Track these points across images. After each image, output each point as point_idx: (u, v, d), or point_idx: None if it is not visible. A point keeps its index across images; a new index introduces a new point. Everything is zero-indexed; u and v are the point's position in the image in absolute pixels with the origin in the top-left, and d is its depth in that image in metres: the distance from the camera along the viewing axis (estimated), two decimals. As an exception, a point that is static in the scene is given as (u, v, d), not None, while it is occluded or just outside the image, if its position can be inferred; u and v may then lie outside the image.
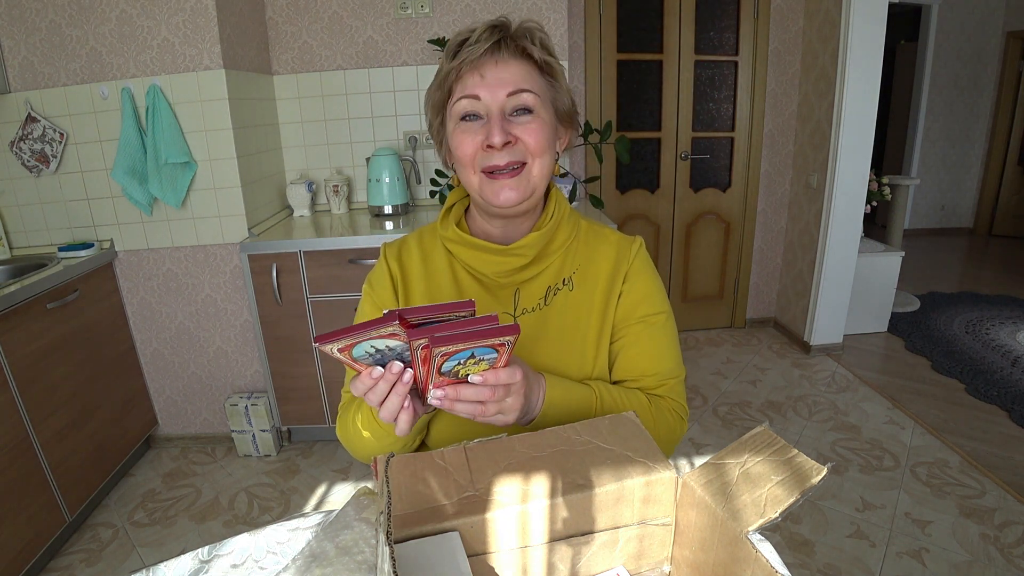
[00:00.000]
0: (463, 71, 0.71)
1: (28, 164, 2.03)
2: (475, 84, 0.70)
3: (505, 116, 0.71)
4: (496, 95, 0.70)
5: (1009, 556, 1.63)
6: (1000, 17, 4.86)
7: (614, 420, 0.62)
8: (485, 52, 0.69)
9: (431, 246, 0.84)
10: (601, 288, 0.81)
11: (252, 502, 2.03)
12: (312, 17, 2.39)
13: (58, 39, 1.93)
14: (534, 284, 0.80)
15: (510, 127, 0.71)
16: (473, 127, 0.72)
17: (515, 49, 0.70)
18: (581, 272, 0.81)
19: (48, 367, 1.76)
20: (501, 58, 0.70)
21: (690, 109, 2.99)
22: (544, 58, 0.73)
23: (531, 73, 0.72)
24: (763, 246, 3.23)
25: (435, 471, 0.55)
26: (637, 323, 0.80)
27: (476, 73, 0.70)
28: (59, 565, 1.75)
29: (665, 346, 0.81)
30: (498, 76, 0.70)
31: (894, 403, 2.48)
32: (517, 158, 0.72)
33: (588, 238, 0.84)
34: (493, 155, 0.71)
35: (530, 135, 0.71)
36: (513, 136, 0.71)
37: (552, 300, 0.80)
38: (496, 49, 0.70)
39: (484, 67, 0.70)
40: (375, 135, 2.55)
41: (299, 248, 2.02)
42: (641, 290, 0.81)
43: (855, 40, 2.50)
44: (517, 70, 0.71)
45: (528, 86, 0.71)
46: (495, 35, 0.70)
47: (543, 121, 0.72)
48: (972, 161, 5.26)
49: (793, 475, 0.49)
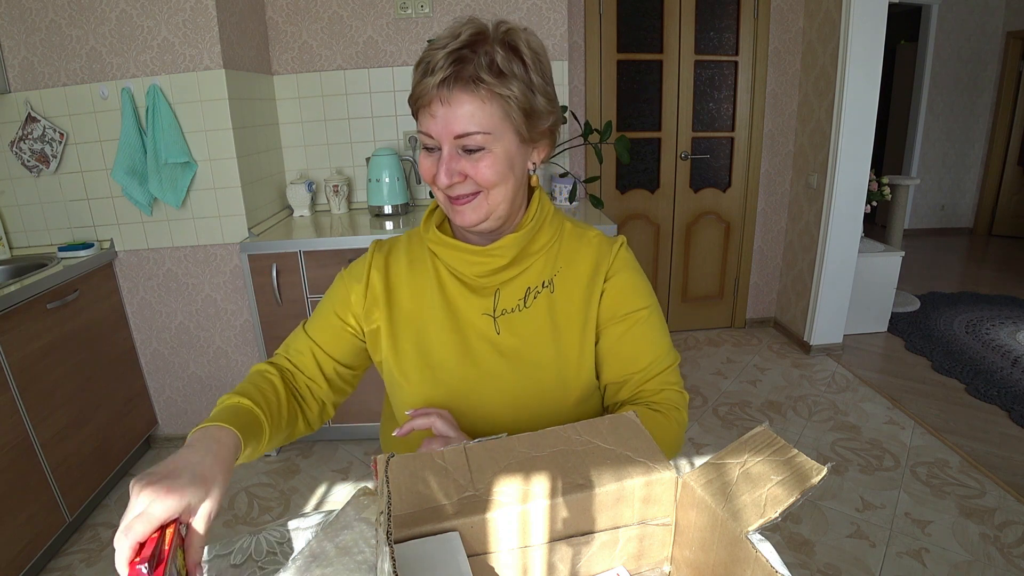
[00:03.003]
0: (420, 103, 0.71)
1: (28, 164, 2.03)
2: (428, 121, 0.71)
3: (455, 154, 0.71)
4: (445, 135, 0.70)
5: (1009, 556, 1.63)
6: (1000, 17, 4.86)
7: (614, 420, 0.62)
8: (436, 87, 0.68)
9: (418, 249, 0.86)
10: (582, 290, 0.81)
11: (252, 502, 2.03)
12: (312, 17, 2.39)
13: (58, 39, 1.93)
14: (514, 284, 0.81)
15: (459, 165, 0.71)
16: (431, 157, 0.73)
17: (467, 82, 0.68)
18: (562, 274, 0.82)
19: (48, 367, 1.76)
20: (452, 96, 0.68)
21: (690, 109, 2.99)
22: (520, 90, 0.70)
23: (483, 107, 0.69)
24: (763, 246, 3.23)
25: (435, 471, 0.55)
26: (620, 322, 0.81)
27: (428, 111, 0.70)
28: (59, 565, 1.75)
29: (650, 340, 0.82)
30: (447, 117, 0.69)
31: (894, 403, 2.48)
32: (470, 190, 0.73)
33: (570, 240, 0.84)
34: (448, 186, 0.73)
35: (480, 172, 0.71)
36: (461, 174, 0.72)
37: (533, 303, 0.81)
38: (447, 85, 0.68)
39: (434, 106, 0.69)
40: (375, 135, 2.55)
41: (299, 248, 2.02)
42: (622, 288, 0.82)
43: (855, 40, 2.50)
44: (468, 108, 0.69)
45: (476, 127, 0.69)
46: (448, 68, 0.67)
47: (495, 156, 0.71)
48: (972, 161, 5.25)
49: (793, 475, 0.49)
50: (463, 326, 0.81)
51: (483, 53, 0.69)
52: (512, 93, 0.70)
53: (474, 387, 0.80)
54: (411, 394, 0.81)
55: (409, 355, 0.81)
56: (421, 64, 0.71)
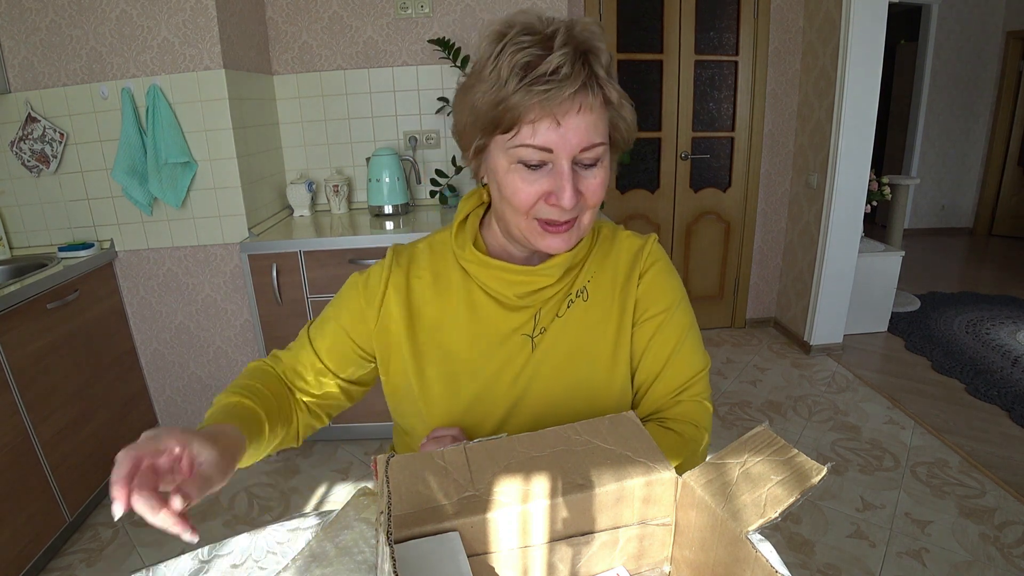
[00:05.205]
0: (533, 108, 0.60)
1: (28, 164, 2.03)
2: (548, 132, 0.60)
3: (575, 170, 0.63)
4: (570, 147, 0.61)
5: (1009, 556, 1.63)
6: (1000, 17, 4.86)
7: (614, 420, 0.62)
8: (572, 96, 0.59)
9: (443, 263, 0.77)
10: (617, 295, 0.76)
11: (252, 502, 2.03)
12: (312, 17, 2.39)
13: (58, 39, 1.93)
14: (553, 301, 0.75)
15: (577, 182, 0.63)
16: (535, 176, 0.63)
17: (590, 89, 0.61)
18: (595, 281, 0.77)
19: (48, 367, 1.75)
20: (586, 103, 0.60)
21: (690, 109, 2.99)
22: (620, 98, 0.64)
23: (602, 115, 0.63)
24: (763, 246, 3.23)
25: (435, 471, 0.55)
26: (648, 321, 0.76)
27: (552, 117, 0.60)
28: (59, 565, 1.75)
29: (676, 347, 0.76)
30: (576, 127, 0.60)
31: (894, 403, 2.48)
32: (574, 214, 0.66)
33: (603, 243, 0.79)
34: (554, 210, 0.65)
35: (592, 192, 0.65)
36: (578, 192, 0.64)
37: (566, 313, 0.75)
38: (583, 92, 0.60)
39: (564, 114, 0.60)
40: (375, 135, 2.55)
41: (299, 248, 2.02)
42: (651, 285, 0.77)
43: (855, 40, 2.50)
44: (591, 117, 0.61)
45: (600, 137, 0.63)
46: (580, 72, 0.59)
47: (606, 171, 0.66)
48: (972, 161, 5.25)
49: (793, 475, 0.49)
50: (495, 349, 0.74)
51: (592, 55, 0.62)
52: (615, 98, 0.64)
53: (504, 413, 0.75)
54: (434, 417, 0.75)
55: (434, 382, 0.75)
56: (521, 60, 0.60)
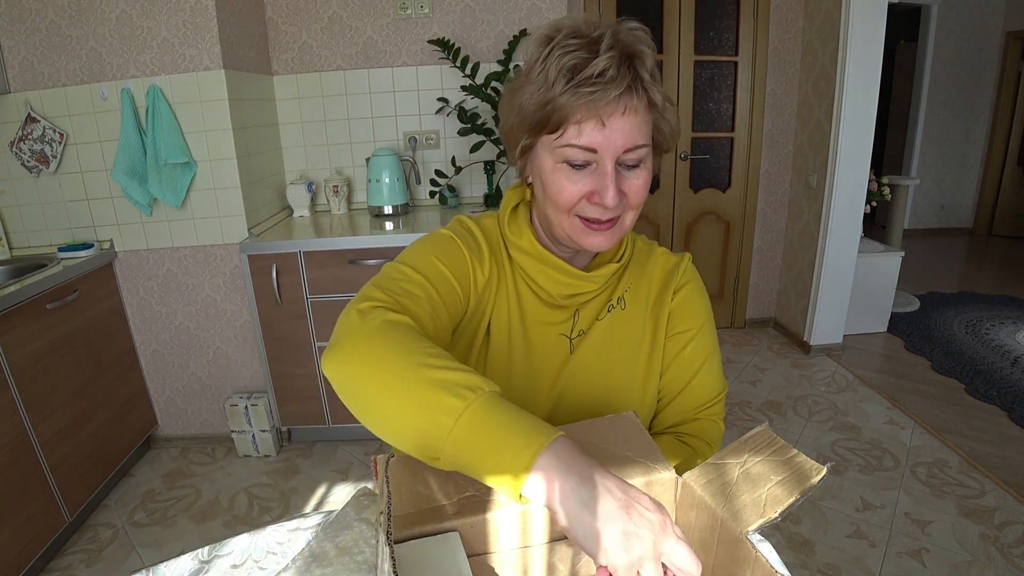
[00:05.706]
0: (579, 109, 0.62)
1: (28, 164, 2.03)
2: (593, 132, 0.62)
3: (619, 171, 0.65)
4: (614, 148, 0.63)
5: (1009, 556, 1.63)
6: (1000, 17, 4.86)
7: (614, 420, 0.62)
8: (618, 98, 0.61)
9: (494, 249, 0.76)
10: (651, 308, 0.79)
11: (252, 502, 2.03)
12: (312, 17, 2.39)
13: (58, 39, 1.93)
14: (592, 304, 0.78)
15: (620, 182, 0.65)
16: (580, 175, 0.65)
17: (636, 91, 0.62)
18: (632, 291, 0.79)
19: (48, 367, 1.75)
20: (631, 105, 0.62)
21: (690, 109, 2.99)
22: (664, 101, 0.66)
23: (646, 117, 0.65)
24: (763, 246, 3.23)
25: (435, 471, 0.55)
26: (677, 336, 0.80)
27: (598, 118, 0.62)
28: (59, 565, 1.75)
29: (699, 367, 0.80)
30: (621, 127, 0.62)
31: (894, 403, 2.48)
32: (617, 213, 0.68)
33: (640, 256, 0.81)
34: (596, 209, 0.66)
35: (635, 192, 0.66)
36: (621, 192, 0.66)
37: (603, 318, 0.78)
38: (628, 95, 0.61)
39: (609, 115, 0.61)
40: (375, 135, 2.55)
41: (299, 248, 2.02)
42: (684, 301, 0.80)
43: (855, 40, 2.50)
44: (640, 120, 0.63)
45: (643, 139, 0.64)
46: (626, 75, 0.61)
47: (649, 172, 0.67)
48: (972, 161, 5.26)
49: (793, 475, 0.49)
50: (536, 346, 0.76)
51: (638, 59, 0.63)
52: (659, 101, 0.65)
53: (546, 416, 0.75)
54: None
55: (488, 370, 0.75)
56: (564, 70, 0.62)
